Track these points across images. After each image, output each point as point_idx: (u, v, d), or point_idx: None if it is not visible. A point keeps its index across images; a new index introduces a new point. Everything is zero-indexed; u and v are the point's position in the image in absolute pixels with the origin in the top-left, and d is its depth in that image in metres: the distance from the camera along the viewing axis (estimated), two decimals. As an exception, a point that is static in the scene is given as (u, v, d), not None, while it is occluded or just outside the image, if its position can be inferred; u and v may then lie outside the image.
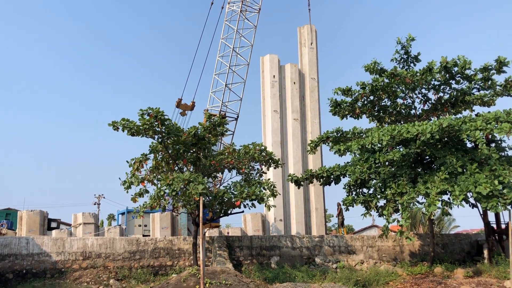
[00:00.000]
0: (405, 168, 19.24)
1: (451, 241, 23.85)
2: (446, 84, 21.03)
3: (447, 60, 19.78)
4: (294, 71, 30.88)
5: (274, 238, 21.80)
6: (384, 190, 19.36)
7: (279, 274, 18.75)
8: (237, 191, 17.68)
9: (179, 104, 30.94)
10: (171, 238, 20.48)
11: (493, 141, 20.00)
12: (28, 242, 18.51)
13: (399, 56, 21.52)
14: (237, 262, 20.28)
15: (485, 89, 21.03)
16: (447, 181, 17.19)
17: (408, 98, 21.71)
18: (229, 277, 16.73)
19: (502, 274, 17.64)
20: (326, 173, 21.55)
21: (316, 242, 22.08)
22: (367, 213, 20.02)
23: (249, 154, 19.61)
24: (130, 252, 19.49)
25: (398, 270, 20.21)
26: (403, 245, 22.82)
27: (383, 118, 22.54)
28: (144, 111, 16.98)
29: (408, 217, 17.58)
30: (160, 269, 19.56)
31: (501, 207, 15.99)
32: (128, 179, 18.27)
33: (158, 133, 17.52)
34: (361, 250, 22.33)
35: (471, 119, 18.02)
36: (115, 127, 17.34)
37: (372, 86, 20.56)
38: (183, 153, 18.70)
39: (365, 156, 20.20)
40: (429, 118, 21.69)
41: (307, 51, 31.50)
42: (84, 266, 18.77)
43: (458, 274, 18.61)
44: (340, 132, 21.65)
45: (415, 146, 18.28)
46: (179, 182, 16.14)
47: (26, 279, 17.84)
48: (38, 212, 23.60)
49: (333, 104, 22.45)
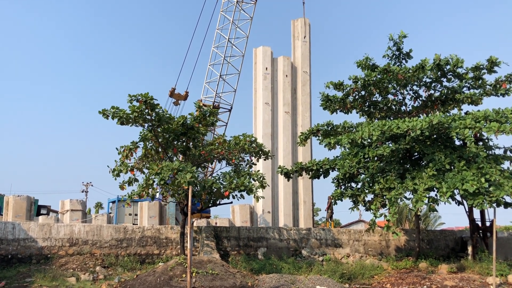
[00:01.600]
0: (394, 164, 19.40)
1: (436, 237, 24.14)
2: (438, 81, 21.15)
3: (440, 57, 19.88)
4: (287, 64, 30.87)
5: (261, 229, 21.89)
6: (372, 185, 19.51)
7: (265, 265, 18.86)
8: (226, 182, 17.69)
9: (173, 94, 30.78)
10: (158, 227, 20.46)
11: (481, 139, 20.21)
12: (14, 227, 18.37)
13: (391, 52, 21.57)
14: (224, 253, 20.34)
15: (475, 88, 21.19)
16: (435, 178, 17.37)
17: (399, 94, 21.82)
18: (216, 267, 16.78)
19: (485, 270, 17.94)
20: (315, 166, 21.64)
21: (303, 235, 22.21)
22: (355, 207, 20.17)
23: (239, 145, 19.60)
24: (117, 240, 19.44)
25: (383, 264, 20.44)
26: (389, 240, 23.05)
27: (373, 113, 22.64)
28: (133, 96, 16.82)
29: (395, 212, 17.76)
30: (147, 258, 19.56)
31: (486, 205, 16.23)
32: (117, 167, 18.19)
33: (148, 121, 17.41)
34: (348, 243, 22.52)
35: (461, 117, 18.20)
36: (105, 115, 17.19)
37: (364, 81, 20.61)
38: (173, 142, 18.63)
39: (355, 151, 20.30)
40: (419, 115, 21.84)
41: (300, 44, 31.49)
42: (70, 252, 18.69)
43: (442, 270, 18.87)
44: (330, 125, 21.75)
45: (405, 142, 18.42)
46: (168, 171, 16.09)
47: (11, 264, 17.72)
48: (25, 197, 23.43)
49: (324, 98, 22.48)
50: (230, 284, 15.72)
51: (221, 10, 30.81)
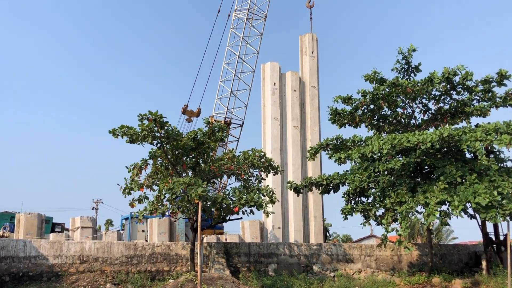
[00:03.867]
0: (405, 177, 19.25)
1: (449, 251, 23.79)
2: (447, 94, 21.07)
3: (449, 70, 19.83)
4: (295, 79, 30.98)
5: (272, 245, 21.74)
6: (383, 199, 19.35)
7: (276, 282, 18.69)
8: (236, 197, 17.68)
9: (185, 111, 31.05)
10: (168, 243, 20.41)
11: (493, 152, 20.03)
12: (25, 245, 18.44)
13: (400, 66, 21.56)
14: (234, 269, 20.20)
15: (485, 101, 21.08)
16: (446, 191, 17.20)
17: (408, 107, 21.75)
18: (227, 283, 16.67)
19: (500, 285, 17.62)
20: (325, 181, 21.54)
21: (314, 250, 22.01)
22: (366, 222, 19.99)
23: (249, 160, 19.62)
24: (128, 257, 19.41)
25: (395, 280, 20.15)
26: (401, 255, 22.76)
27: (383, 127, 22.56)
28: (143, 115, 17.00)
29: (407, 226, 17.57)
30: (157, 274, 19.48)
31: (500, 218, 16.02)
32: (128, 185, 18.27)
33: (157, 138, 17.53)
34: (359, 259, 22.27)
35: (471, 130, 18.07)
36: (115, 135, 17.37)
37: (373, 95, 20.59)
38: (182, 158, 18.71)
39: (365, 165, 20.20)
40: (428, 128, 21.72)
41: (308, 59, 31.62)
42: (81, 269, 18.69)
43: (456, 285, 18.58)
44: (340, 139, 21.67)
45: (415, 156, 18.30)
46: (179, 186, 16.15)
47: (23, 282, 17.75)
48: (36, 215, 23.55)
49: (333, 112, 22.47)
50: (241, 301, 15.58)
51: (231, 28, 31.17)
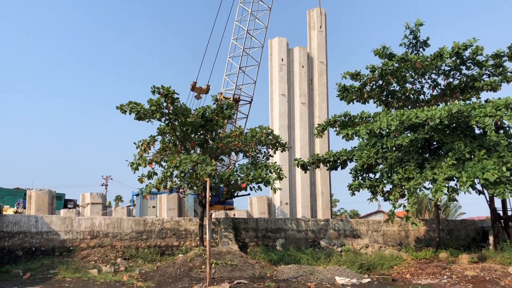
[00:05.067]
0: (413, 154, 19.20)
1: (456, 227, 23.88)
2: (457, 69, 20.81)
3: (459, 45, 19.52)
4: (303, 55, 30.67)
5: (279, 221, 21.95)
6: (390, 175, 19.35)
7: (284, 256, 18.93)
8: (244, 174, 17.79)
9: (194, 88, 30.95)
10: (177, 219, 20.68)
11: (502, 127, 19.85)
12: (37, 221, 18.77)
13: (408, 41, 21.26)
14: (242, 244, 20.47)
15: (495, 76, 20.79)
16: (455, 167, 17.14)
17: (417, 83, 21.54)
18: (235, 258, 16.92)
19: (507, 260, 17.68)
20: (332, 158, 21.55)
21: (321, 226, 22.20)
22: (373, 198, 20.05)
23: (256, 137, 19.64)
24: (137, 232, 19.72)
25: (402, 255, 20.31)
26: (409, 230, 22.89)
27: (391, 103, 22.40)
28: (156, 88, 17.10)
29: (414, 202, 17.60)
30: (166, 249, 19.80)
31: (508, 194, 15.98)
32: (136, 161, 18.43)
33: (165, 114, 17.59)
34: (366, 234, 22.44)
35: (481, 105, 17.86)
36: (122, 110, 17.53)
37: (382, 70, 20.38)
38: (190, 135, 18.78)
39: (373, 141, 20.14)
40: (437, 103, 21.53)
41: (316, 34, 31.22)
42: (91, 245, 19.04)
43: (462, 260, 18.68)
44: (348, 116, 21.56)
45: (424, 132, 18.19)
46: (187, 164, 16.27)
47: (35, 256, 18.14)
48: (47, 191, 23.87)
49: (341, 88, 22.32)
50: (249, 274, 15.84)
51: (239, 2, 30.75)
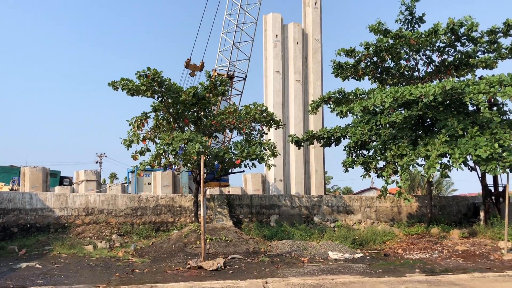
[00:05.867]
0: (406, 130, 19.27)
1: (448, 203, 24.18)
2: (451, 46, 20.71)
3: (454, 21, 19.39)
4: (298, 31, 30.40)
5: (273, 197, 22.11)
6: (384, 152, 19.46)
7: (278, 232, 19.14)
8: (238, 151, 17.81)
9: (188, 65, 30.72)
10: (172, 196, 20.77)
11: (496, 104, 19.91)
12: (32, 198, 18.80)
13: (404, 17, 21.10)
14: (237, 220, 20.66)
15: (490, 52, 20.73)
16: (448, 144, 17.24)
17: (411, 60, 21.45)
18: (229, 233, 17.10)
19: (497, 235, 17.99)
20: (326, 135, 21.61)
21: (315, 202, 22.40)
22: (367, 174, 20.21)
23: (250, 114, 19.60)
24: (132, 209, 19.82)
25: (395, 230, 20.60)
26: (401, 206, 23.16)
27: (386, 80, 22.34)
28: (142, 72, 16.86)
29: (407, 178, 17.76)
30: (161, 226, 19.95)
31: (499, 170, 16.15)
32: (129, 138, 18.38)
33: (157, 92, 17.46)
34: (359, 210, 22.68)
35: (475, 82, 17.86)
36: (114, 87, 17.32)
37: (376, 47, 20.26)
38: (184, 113, 18.70)
39: (367, 118, 20.17)
40: (432, 80, 21.50)
41: (311, 11, 30.89)
42: (86, 221, 19.14)
43: (454, 235, 18.98)
44: (342, 93, 21.55)
45: (417, 109, 18.23)
46: (178, 141, 16.23)
47: (31, 233, 18.23)
48: (41, 168, 23.86)
49: (336, 65, 22.21)
50: (243, 250, 16.04)
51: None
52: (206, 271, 13.01)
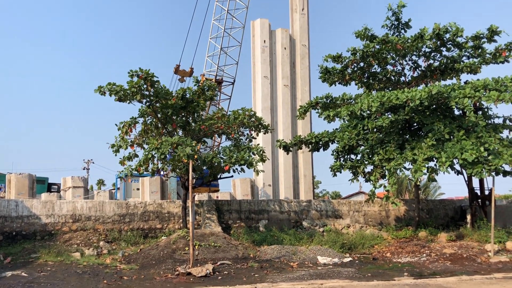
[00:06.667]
0: (393, 135, 19.43)
1: (435, 206, 24.37)
2: (437, 51, 20.99)
3: (439, 27, 19.68)
4: (285, 36, 30.54)
5: (262, 202, 22.10)
6: (371, 156, 19.59)
7: (267, 237, 19.12)
8: (226, 156, 17.78)
9: (177, 71, 30.75)
10: (160, 202, 20.64)
11: (481, 108, 20.18)
12: (17, 205, 18.54)
13: (390, 22, 21.35)
14: (226, 226, 20.59)
15: (475, 57, 21.04)
16: (434, 148, 17.42)
17: (398, 64, 21.68)
18: (218, 239, 17.03)
19: (484, 238, 18.18)
20: (314, 139, 21.69)
21: (303, 207, 22.43)
22: (355, 179, 20.31)
23: (239, 119, 19.61)
24: (120, 215, 19.65)
25: (383, 234, 20.70)
26: (389, 210, 23.30)
27: (372, 84, 22.54)
28: (134, 72, 16.79)
29: (394, 182, 17.90)
30: (149, 232, 19.81)
31: (485, 173, 16.34)
32: (117, 143, 18.25)
33: (146, 96, 17.38)
34: (348, 214, 22.76)
35: (460, 87, 18.11)
36: (101, 92, 17.12)
37: (363, 52, 20.46)
38: (172, 117, 18.64)
39: (354, 123, 20.31)
40: (418, 85, 21.74)
41: (298, 17, 31.08)
42: (74, 228, 18.92)
43: (441, 238, 19.13)
44: (329, 98, 21.69)
45: (404, 113, 18.39)
46: (167, 146, 16.15)
47: (16, 241, 17.97)
48: (27, 175, 23.56)
49: (323, 71, 22.36)
50: (233, 255, 15.98)
51: (219, -17, 30.42)
52: (195, 278, 12.94)
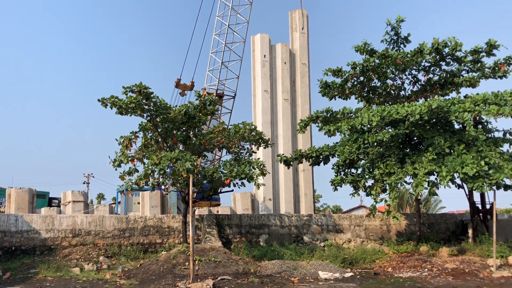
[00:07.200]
0: (394, 149, 19.42)
1: (437, 220, 24.26)
2: (436, 65, 21.11)
3: (438, 41, 19.81)
4: (285, 51, 30.72)
5: (263, 216, 22.01)
6: (372, 170, 19.55)
7: (267, 252, 19.00)
8: (227, 170, 17.76)
9: (178, 84, 30.90)
10: (160, 216, 20.56)
11: (481, 122, 20.21)
12: (17, 219, 18.47)
13: (389, 37, 21.51)
14: (226, 240, 20.47)
15: (474, 71, 21.14)
16: (435, 162, 17.40)
17: (397, 79, 21.78)
18: (219, 254, 16.93)
19: (486, 252, 18.06)
20: (315, 153, 21.67)
21: (304, 221, 22.34)
22: (355, 193, 20.23)
23: (239, 133, 19.64)
24: (120, 230, 19.56)
25: (384, 249, 20.58)
26: (390, 225, 23.18)
27: (372, 99, 22.62)
28: (127, 88, 16.83)
29: (395, 196, 17.83)
30: (149, 247, 19.69)
31: (486, 188, 16.29)
32: (118, 157, 18.25)
33: (146, 111, 17.43)
34: (349, 229, 22.65)
35: (460, 101, 18.17)
36: (103, 104, 17.22)
37: (363, 66, 20.58)
38: (173, 131, 18.66)
39: (354, 137, 20.32)
40: (418, 99, 21.82)
41: (298, 36, 31.27)
42: (73, 243, 18.82)
43: (443, 253, 19.01)
44: (330, 112, 21.74)
45: (404, 127, 18.42)
46: (166, 161, 16.15)
47: (15, 256, 17.86)
48: (27, 189, 23.50)
49: (323, 85, 22.47)
50: (233, 271, 15.87)
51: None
52: (195, 293, 12.82)
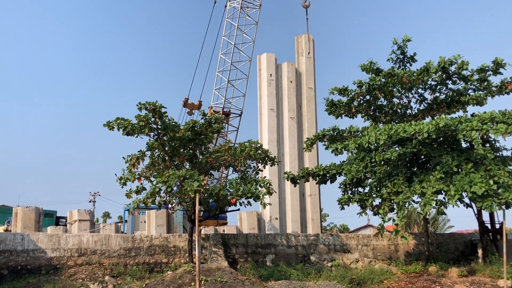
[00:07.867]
0: (401, 168, 19.31)
1: (445, 240, 23.96)
2: (443, 84, 21.11)
3: (445, 60, 19.86)
4: (291, 70, 30.89)
5: (269, 236, 21.83)
6: (380, 189, 19.42)
7: (274, 272, 18.79)
8: (233, 189, 17.70)
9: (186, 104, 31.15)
10: (166, 236, 20.46)
11: (488, 141, 20.10)
12: (23, 238, 18.45)
13: (395, 56, 21.61)
14: (232, 260, 20.29)
15: (480, 90, 21.12)
16: (443, 181, 17.26)
17: (404, 97, 21.79)
18: (225, 274, 16.75)
19: (496, 273, 17.75)
20: (322, 172, 21.59)
21: (311, 241, 22.13)
22: (363, 212, 20.07)
23: (245, 151, 19.63)
24: (126, 249, 19.47)
25: (392, 269, 20.29)
26: (398, 244, 22.91)
27: (379, 117, 22.61)
28: (142, 104, 16.96)
29: (403, 216, 17.65)
30: (155, 266, 19.56)
31: (495, 207, 16.10)
32: (124, 176, 18.28)
33: (154, 130, 17.50)
34: (356, 249, 22.40)
35: (467, 119, 18.09)
36: (110, 127, 17.21)
37: (369, 85, 20.64)
38: (179, 150, 18.70)
39: (361, 155, 20.25)
40: (425, 117, 21.77)
41: (305, 60, 31.46)
42: (79, 262, 18.74)
43: (452, 273, 18.71)
44: (336, 130, 21.71)
45: (411, 146, 18.34)
46: (174, 179, 16.14)
47: (21, 275, 17.78)
48: (34, 208, 23.52)
49: (329, 103, 22.52)
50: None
51: (227, 17, 31.13)
52: (201, 314, 12.65)
